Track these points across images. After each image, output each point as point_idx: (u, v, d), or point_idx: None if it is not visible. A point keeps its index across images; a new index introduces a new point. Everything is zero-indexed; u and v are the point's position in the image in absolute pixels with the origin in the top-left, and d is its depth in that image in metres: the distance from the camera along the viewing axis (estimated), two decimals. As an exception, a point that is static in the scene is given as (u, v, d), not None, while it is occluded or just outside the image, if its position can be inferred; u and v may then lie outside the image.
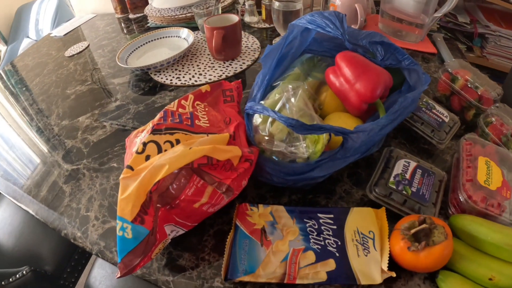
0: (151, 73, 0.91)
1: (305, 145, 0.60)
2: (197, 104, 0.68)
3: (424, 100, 0.81)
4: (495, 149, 0.71)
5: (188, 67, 0.92)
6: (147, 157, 0.54)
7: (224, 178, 0.54)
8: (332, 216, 0.60)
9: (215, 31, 0.87)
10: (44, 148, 0.85)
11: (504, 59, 1.79)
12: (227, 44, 0.91)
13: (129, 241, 0.47)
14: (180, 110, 0.65)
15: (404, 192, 0.63)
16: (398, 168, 0.67)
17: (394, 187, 0.64)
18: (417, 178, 0.65)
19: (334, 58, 0.72)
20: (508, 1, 1.63)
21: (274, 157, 0.63)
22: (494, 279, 0.54)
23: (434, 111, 0.79)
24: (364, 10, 1.04)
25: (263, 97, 0.68)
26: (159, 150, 0.56)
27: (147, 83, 0.92)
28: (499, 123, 0.76)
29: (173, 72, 0.91)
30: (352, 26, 1.05)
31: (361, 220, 0.60)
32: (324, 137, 0.61)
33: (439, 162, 0.76)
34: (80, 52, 1.17)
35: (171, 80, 0.89)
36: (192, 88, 0.89)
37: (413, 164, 0.68)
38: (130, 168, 0.51)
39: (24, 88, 1.06)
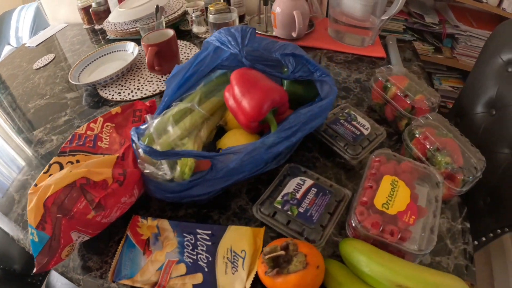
0: (98, 88, 0.93)
1: (167, 167, 0.60)
2: (107, 126, 0.73)
3: (346, 111, 0.75)
4: (412, 166, 0.64)
5: (130, 82, 0.93)
6: (50, 176, 0.60)
7: (98, 196, 0.58)
8: (209, 232, 0.60)
9: (149, 48, 0.87)
10: (2, 160, 0.90)
11: (474, 59, 1.66)
12: (162, 59, 0.90)
13: (37, 243, 0.53)
14: (88, 132, 0.71)
15: (289, 212, 0.59)
16: (290, 187, 0.62)
17: (280, 206, 0.60)
18: (309, 198, 0.61)
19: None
20: (479, 0, 1.51)
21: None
22: None
23: (354, 123, 0.72)
24: (305, 17, 0.98)
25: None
26: (61, 170, 0.62)
27: (93, 98, 0.93)
28: (424, 136, 0.68)
29: (116, 87, 0.92)
30: (292, 34, 1.00)
31: (237, 238, 0.59)
32: (189, 160, 0.60)
33: (355, 178, 0.70)
34: (46, 65, 1.20)
35: (112, 95, 0.90)
36: (129, 103, 0.89)
37: (308, 183, 0.63)
38: (35, 185, 0.58)
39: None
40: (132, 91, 0.90)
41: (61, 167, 0.63)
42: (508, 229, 0.82)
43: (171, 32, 0.91)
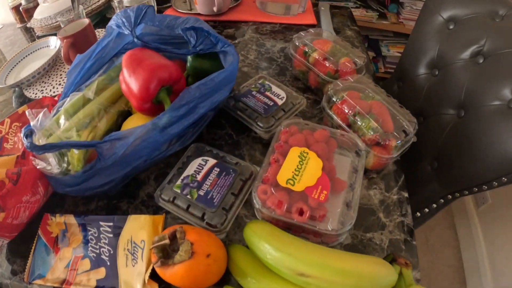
0: (23, 89, 0.85)
1: (54, 161, 0.53)
2: (14, 126, 0.67)
3: (260, 81, 0.66)
4: (327, 134, 0.55)
5: (53, 78, 0.85)
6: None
7: None
8: (111, 224, 0.55)
9: (64, 40, 0.78)
10: None
11: None
12: (79, 50, 0.80)
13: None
14: None
15: (188, 196, 0.52)
16: (191, 169, 0.55)
17: (179, 191, 0.52)
18: (210, 179, 0.54)
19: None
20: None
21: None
22: None
23: (268, 93, 0.64)
24: None
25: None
26: None
27: (19, 99, 0.86)
28: (342, 101, 0.59)
29: (40, 85, 0.84)
30: (213, 9, 0.90)
31: (137, 228, 0.53)
32: (75, 151, 0.53)
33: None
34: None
35: (36, 94, 0.82)
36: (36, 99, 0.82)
37: (211, 163, 0.55)
38: None
39: None
40: (54, 87, 0.82)
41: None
42: (458, 194, 0.73)
43: (86, 21, 0.83)
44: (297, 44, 0.70)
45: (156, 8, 0.97)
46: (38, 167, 0.53)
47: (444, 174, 0.76)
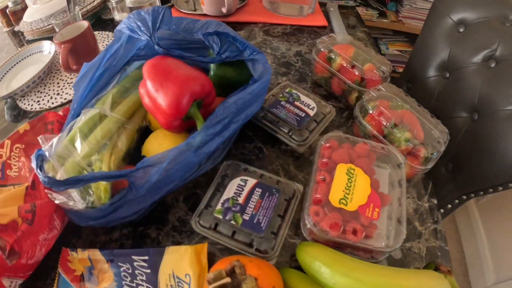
0: (16, 100, 0.75)
1: (77, 195, 0.45)
2: (15, 148, 0.58)
3: (287, 90, 0.61)
4: (368, 148, 0.52)
5: (49, 87, 0.75)
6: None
7: (9, 241, 0.44)
8: (146, 258, 0.47)
9: (61, 46, 0.69)
10: None
11: (420, 22, 1.57)
12: (79, 56, 0.73)
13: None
14: None
15: (233, 222, 0.46)
16: (230, 190, 0.49)
17: (221, 216, 0.47)
18: (253, 201, 0.48)
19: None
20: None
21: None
22: None
23: (297, 103, 0.59)
24: None
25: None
26: None
27: (13, 111, 0.75)
28: (378, 111, 0.55)
29: (35, 95, 0.73)
30: (222, 10, 0.83)
31: (178, 261, 0.46)
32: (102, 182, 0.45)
33: (306, 166, 0.58)
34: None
35: (31, 105, 0.72)
36: (38, 116, 0.72)
37: (251, 183, 0.50)
38: None
39: None
40: (51, 97, 0.73)
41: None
42: (473, 194, 0.72)
43: (85, 24, 0.73)
44: (321, 49, 0.65)
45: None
46: (56, 202, 0.45)
47: (459, 175, 0.75)
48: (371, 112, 0.56)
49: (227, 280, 0.38)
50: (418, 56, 0.87)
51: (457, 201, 0.75)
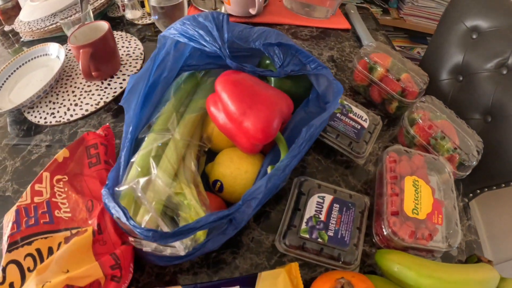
0: (24, 112, 0.68)
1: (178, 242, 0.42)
2: (57, 181, 0.51)
3: (339, 102, 0.63)
4: (423, 160, 0.57)
5: (63, 96, 0.69)
6: (11, 285, 0.42)
7: None
8: (238, 287, 0.45)
9: (81, 51, 0.64)
10: None
11: (422, 19, 1.66)
12: (100, 61, 0.68)
13: None
14: (36, 199, 0.49)
15: (320, 240, 0.48)
16: (311, 209, 0.51)
17: (308, 236, 0.49)
18: (334, 216, 0.51)
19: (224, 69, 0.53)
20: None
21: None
22: None
23: (351, 115, 0.62)
24: None
25: (128, 161, 0.47)
26: (21, 272, 0.43)
27: (21, 125, 0.68)
28: (427, 123, 0.61)
29: (47, 106, 0.67)
30: (250, 11, 0.83)
31: (272, 285, 0.46)
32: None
33: (362, 175, 0.62)
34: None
35: (45, 118, 0.66)
36: (69, 127, 0.67)
37: (328, 199, 0.52)
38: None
39: None
40: (69, 109, 0.67)
41: (20, 268, 0.43)
42: (487, 189, 0.82)
43: (105, 25, 0.68)
44: (363, 57, 0.69)
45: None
46: (145, 249, 0.42)
47: (473, 172, 0.84)
48: (420, 123, 0.61)
49: (342, 300, 0.41)
50: (432, 59, 0.94)
51: (471, 195, 0.85)
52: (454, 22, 0.88)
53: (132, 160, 0.47)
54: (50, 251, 0.45)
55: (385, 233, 0.49)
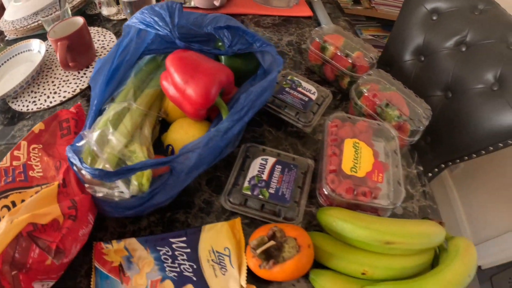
0: (8, 102, 0.77)
1: (123, 184, 0.51)
2: (33, 149, 0.60)
3: (288, 78, 0.71)
4: (367, 124, 0.63)
5: (43, 86, 0.78)
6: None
7: (53, 240, 0.48)
8: (184, 239, 0.53)
9: (58, 43, 0.73)
10: None
11: (392, 8, 1.75)
12: (76, 53, 0.77)
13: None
14: (14, 163, 0.58)
15: (261, 196, 0.55)
16: (254, 169, 0.58)
17: (250, 192, 0.56)
18: (275, 176, 0.57)
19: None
20: None
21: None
22: (367, 273, 0.50)
23: (300, 89, 0.69)
24: None
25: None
26: None
27: (6, 114, 0.77)
28: (372, 93, 0.67)
29: (29, 95, 0.77)
30: (214, 3, 0.92)
31: (215, 237, 0.53)
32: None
33: (311, 144, 0.68)
34: None
35: (27, 106, 0.75)
36: (49, 112, 0.76)
37: (271, 161, 0.59)
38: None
39: None
40: (48, 97, 0.76)
41: (-4, 215, 0.52)
42: (451, 162, 0.87)
43: (80, 20, 0.78)
44: (315, 38, 0.76)
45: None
46: (98, 195, 0.51)
47: (437, 147, 0.89)
48: (366, 94, 0.67)
49: (272, 243, 0.47)
50: (395, 42, 1.01)
51: (436, 169, 0.90)
52: (415, 6, 0.95)
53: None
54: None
55: (325, 191, 0.54)
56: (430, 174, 0.91)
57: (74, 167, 0.50)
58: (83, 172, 0.49)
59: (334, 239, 0.53)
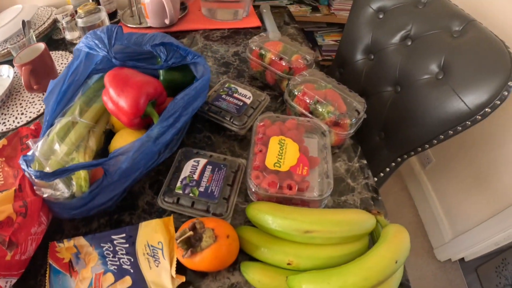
0: (-20, 124, 0.88)
1: (63, 186, 0.60)
2: None
3: (226, 86, 0.79)
4: (296, 122, 0.69)
5: (12, 108, 0.89)
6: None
7: (7, 234, 0.56)
8: (124, 235, 0.61)
9: (22, 68, 0.84)
10: None
11: None
12: (39, 76, 0.88)
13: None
14: None
15: (191, 194, 0.63)
16: (186, 171, 0.66)
17: (181, 191, 0.63)
18: (206, 176, 0.65)
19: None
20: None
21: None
22: (292, 263, 0.54)
23: (236, 95, 0.77)
24: (175, 1, 1.01)
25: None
26: None
27: None
28: (302, 93, 0.73)
29: (-1, 117, 0.88)
30: (165, 21, 1.01)
31: (150, 233, 0.61)
32: (81, 172, 0.61)
33: (247, 145, 0.75)
34: None
35: (-2, 127, 0.86)
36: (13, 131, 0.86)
37: (202, 162, 0.67)
38: None
39: None
40: (16, 118, 0.87)
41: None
42: (406, 155, 0.92)
43: (41, 46, 0.88)
44: (253, 47, 0.84)
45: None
46: (44, 196, 0.59)
47: (391, 141, 0.95)
48: (297, 94, 0.74)
49: (190, 233, 0.54)
50: (346, 44, 1.08)
51: (393, 164, 0.95)
52: (362, 7, 1.02)
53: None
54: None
55: (251, 186, 0.60)
56: (388, 169, 0.97)
57: (26, 173, 0.59)
58: (27, 174, 0.58)
59: (261, 232, 0.59)
